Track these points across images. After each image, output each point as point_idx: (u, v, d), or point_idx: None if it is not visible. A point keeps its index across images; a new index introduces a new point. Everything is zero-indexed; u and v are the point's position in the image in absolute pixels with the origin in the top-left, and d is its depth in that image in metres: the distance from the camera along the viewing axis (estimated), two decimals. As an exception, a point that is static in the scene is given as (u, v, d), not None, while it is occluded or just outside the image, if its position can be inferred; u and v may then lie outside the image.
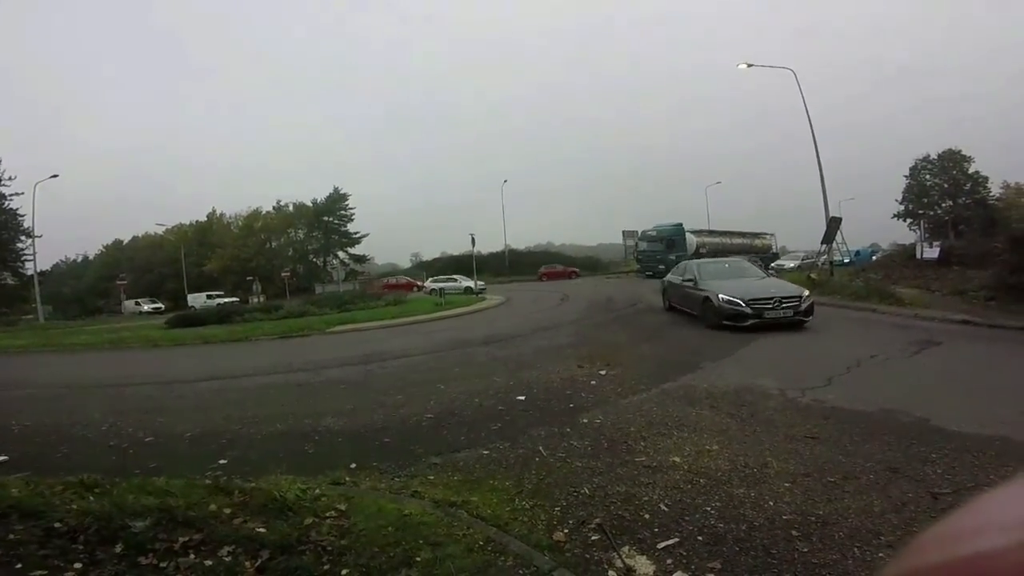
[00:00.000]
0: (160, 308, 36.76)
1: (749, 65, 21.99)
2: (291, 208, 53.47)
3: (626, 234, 42.53)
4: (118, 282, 39.61)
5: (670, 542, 2.86)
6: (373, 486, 3.74)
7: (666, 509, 3.23)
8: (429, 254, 62.54)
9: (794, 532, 2.86)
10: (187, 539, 2.72)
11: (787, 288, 10.57)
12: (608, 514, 3.19)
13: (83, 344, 16.70)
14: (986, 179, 40.77)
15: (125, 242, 58.73)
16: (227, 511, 3.03)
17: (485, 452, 4.38)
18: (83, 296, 48.86)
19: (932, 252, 20.05)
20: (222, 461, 4.45)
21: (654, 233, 32.65)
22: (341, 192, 53.02)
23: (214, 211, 55.27)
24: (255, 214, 53.29)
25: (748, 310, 9.73)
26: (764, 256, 34.99)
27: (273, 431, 5.40)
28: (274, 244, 52.77)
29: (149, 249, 53.01)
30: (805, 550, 2.69)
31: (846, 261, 26.12)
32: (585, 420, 5.09)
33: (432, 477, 3.89)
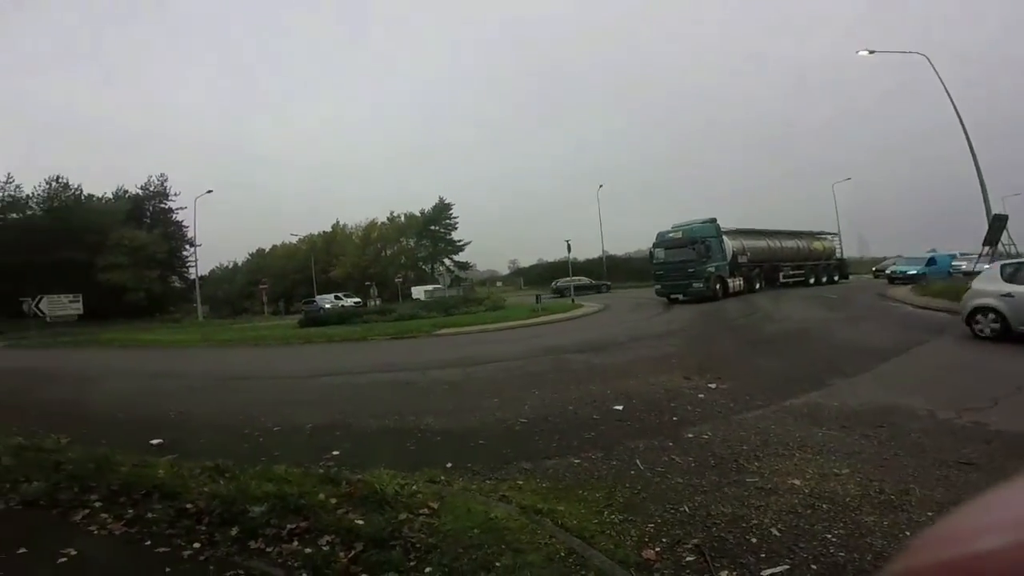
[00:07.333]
0: (359, 302, 36.27)
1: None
2: (403, 219, 57.61)
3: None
4: (260, 286, 44.98)
5: (777, 569, 2.54)
6: (465, 487, 3.76)
7: (778, 534, 2.88)
8: (526, 261, 63.65)
9: None
10: (294, 526, 2.92)
11: None
12: (708, 535, 2.91)
13: (231, 340, 19.32)
14: None
15: (267, 250, 66.47)
16: (333, 501, 3.22)
17: (576, 461, 4.24)
18: (233, 298, 56.17)
19: None
20: (335, 452, 4.73)
21: (679, 235, 22.56)
22: (446, 202, 56.07)
23: (337, 222, 61.08)
24: (372, 225, 58.37)
25: None
26: (828, 262, 28.53)
27: (381, 427, 5.69)
28: (388, 252, 57.04)
29: (284, 257, 59.58)
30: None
31: (911, 272, 23.01)
32: (690, 435, 4.72)
33: (521, 482, 3.83)
